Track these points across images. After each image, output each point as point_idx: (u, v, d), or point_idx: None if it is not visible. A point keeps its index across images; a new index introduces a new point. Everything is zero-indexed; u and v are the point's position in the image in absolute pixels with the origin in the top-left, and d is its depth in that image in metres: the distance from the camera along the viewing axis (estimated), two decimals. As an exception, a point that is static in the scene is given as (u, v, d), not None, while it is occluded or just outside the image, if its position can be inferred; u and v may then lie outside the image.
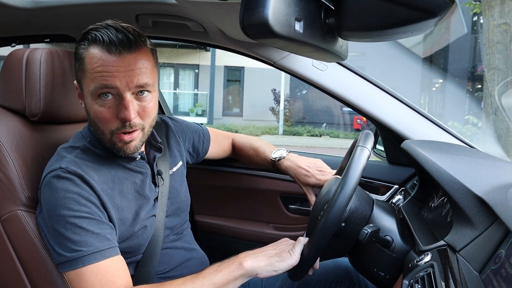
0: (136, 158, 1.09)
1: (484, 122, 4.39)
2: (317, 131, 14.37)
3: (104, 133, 0.99)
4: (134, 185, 1.08)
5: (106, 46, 0.92)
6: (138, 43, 0.96)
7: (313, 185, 1.34)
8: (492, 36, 4.17)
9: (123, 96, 0.95)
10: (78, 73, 0.99)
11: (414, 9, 0.68)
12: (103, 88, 0.94)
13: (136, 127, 0.99)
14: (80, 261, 0.92)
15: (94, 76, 0.94)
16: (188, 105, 16.53)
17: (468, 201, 0.87)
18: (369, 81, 1.43)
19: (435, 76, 13.53)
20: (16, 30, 1.55)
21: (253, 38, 0.64)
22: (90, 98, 0.97)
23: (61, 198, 0.94)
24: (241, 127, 14.42)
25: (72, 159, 1.00)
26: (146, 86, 0.97)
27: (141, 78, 0.95)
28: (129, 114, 0.94)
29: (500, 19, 4.11)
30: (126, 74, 0.93)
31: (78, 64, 0.98)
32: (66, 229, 0.93)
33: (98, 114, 0.97)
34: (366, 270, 1.10)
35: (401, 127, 1.39)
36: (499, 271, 0.69)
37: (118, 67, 0.93)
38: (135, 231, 1.05)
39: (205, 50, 15.59)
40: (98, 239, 0.93)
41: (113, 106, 0.96)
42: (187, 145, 1.36)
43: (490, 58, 4.22)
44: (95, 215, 0.96)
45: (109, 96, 0.95)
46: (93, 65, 0.93)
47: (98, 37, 0.93)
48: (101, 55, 0.93)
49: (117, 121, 0.97)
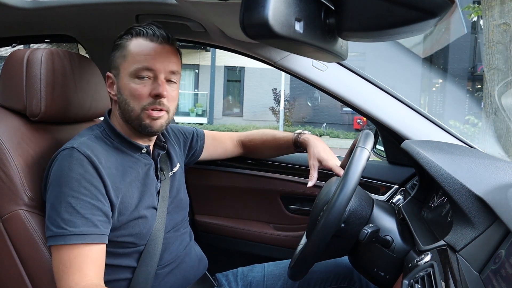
0: (142, 149, 1.15)
1: (484, 122, 4.39)
2: (317, 131, 14.38)
3: (135, 109, 1.10)
4: (138, 174, 1.14)
5: (150, 37, 1.10)
6: (174, 40, 1.15)
7: (322, 159, 1.35)
8: (492, 36, 4.17)
9: (158, 77, 1.09)
10: (118, 60, 1.12)
11: (414, 9, 0.68)
12: (144, 69, 1.08)
13: (164, 106, 1.11)
14: (62, 238, 0.97)
15: (138, 58, 1.08)
16: (188, 105, 16.55)
17: (468, 201, 0.87)
18: (369, 81, 1.43)
19: (435, 76, 13.54)
20: (17, 31, 1.55)
21: (253, 38, 0.64)
22: (127, 78, 1.10)
23: (65, 176, 1.00)
24: (241, 127, 14.42)
25: (85, 141, 1.08)
26: (176, 73, 1.14)
27: (174, 66, 1.12)
28: (163, 89, 1.09)
29: (500, 19, 4.11)
30: (164, 59, 1.10)
31: (120, 52, 1.11)
32: (60, 206, 0.98)
33: (133, 91, 1.09)
34: (366, 270, 1.10)
35: (401, 127, 1.39)
36: (499, 271, 0.69)
37: (160, 53, 1.10)
38: (136, 218, 1.10)
39: (205, 50, 15.60)
40: (85, 223, 0.98)
41: (148, 85, 1.09)
42: (183, 148, 1.41)
43: (490, 58, 4.22)
44: (92, 198, 1.01)
45: (145, 78, 1.09)
46: (138, 50, 1.09)
47: (143, 31, 1.10)
48: (146, 43, 1.10)
49: (149, 98, 1.09)
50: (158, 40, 1.10)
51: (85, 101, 1.26)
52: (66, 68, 1.19)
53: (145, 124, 1.11)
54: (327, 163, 1.34)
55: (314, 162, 1.36)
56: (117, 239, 1.08)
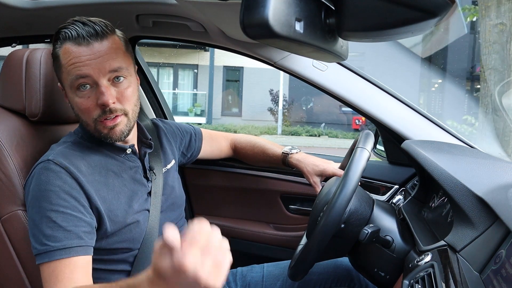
0: (126, 149, 1.11)
1: (481, 122, 4.38)
2: (316, 131, 14.37)
3: (89, 123, 1.03)
4: (123, 180, 1.09)
5: (75, 39, 0.99)
6: (105, 32, 1.01)
7: (320, 172, 1.36)
8: (489, 36, 4.16)
9: (98, 83, 0.99)
10: (57, 72, 1.04)
11: (414, 9, 0.68)
12: (78, 79, 0.99)
13: (117, 112, 1.02)
14: (47, 255, 0.93)
15: (69, 69, 0.99)
16: (187, 105, 16.52)
17: (468, 201, 0.87)
18: (370, 81, 1.43)
19: (434, 76, 13.54)
20: (16, 30, 1.55)
21: (254, 38, 0.65)
22: (70, 92, 1.02)
23: (43, 190, 0.97)
24: (240, 127, 14.41)
25: (60, 150, 1.03)
26: (119, 70, 1.02)
27: (113, 63, 1.00)
28: (107, 98, 0.99)
29: (497, 19, 4.10)
30: (97, 61, 0.98)
31: (55, 63, 1.04)
32: (41, 222, 0.95)
33: (79, 105, 1.01)
34: (366, 270, 1.10)
35: (401, 127, 1.38)
36: (500, 271, 0.69)
37: (89, 56, 0.98)
38: (128, 224, 1.06)
39: (204, 50, 15.58)
40: (68, 236, 0.94)
41: (92, 95, 1.00)
42: (179, 145, 1.39)
43: (487, 58, 4.22)
44: (73, 210, 0.97)
45: (87, 86, 1.00)
46: (67, 59, 0.99)
47: (68, 34, 0.99)
48: (72, 49, 0.99)
49: (97, 109, 1.01)
50: (85, 40, 0.98)
51: None
52: (66, 68, 1.19)
53: (104, 135, 1.04)
54: (327, 172, 1.36)
55: (315, 179, 1.37)
56: (111, 246, 1.05)
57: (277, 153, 1.48)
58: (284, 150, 1.47)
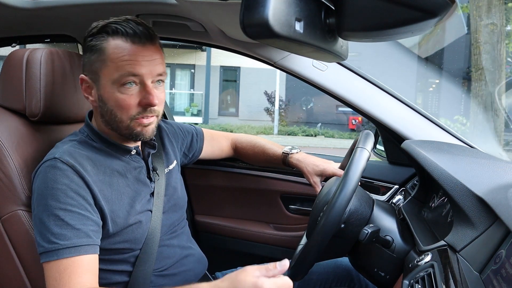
0: (131, 151, 1.11)
1: (472, 121, 4.39)
2: (312, 131, 14.35)
3: (123, 120, 1.03)
4: (127, 180, 1.09)
5: (130, 37, 0.99)
6: (155, 37, 1.05)
7: (320, 172, 1.37)
8: (480, 36, 4.16)
9: (145, 83, 1.01)
10: (95, 64, 1.02)
11: (414, 9, 0.68)
12: (129, 76, 0.99)
13: (155, 112, 1.05)
14: (55, 253, 0.93)
15: (120, 64, 0.99)
16: (184, 105, 16.49)
17: (468, 201, 0.87)
18: (370, 81, 1.43)
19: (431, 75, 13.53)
20: (16, 30, 1.55)
21: (254, 38, 0.65)
22: (111, 87, 1.01)
23: (50, 188, 0.96)
24: (237, 127, 14.39)
25: (67, 149, 1.03)
26: (163, 75, 1.05)
27: (160, 67, 1.03)
28: (153, 99, 1.01)
29: (487, 19, 4.10)
30: (150, 63, 1.01)
31: (97, 55, 1.01)
32: (49, 220, 0.94)
33: (120, 102, 1.01)
34: (366, 270, 1.10)
35: (401, 127, 1.39)
36: (500, 271, 0.69)
37: (143, 56, 1.00)
38: (130, 224, 1.06)
39: (201, 50, 15.54)
40: (77, 234, 0.94)
41: (135, 93, 1.02)
42: (180, 146, 1.38)
43: (477, 59, 4.22)
44: (81, 208, 0.97)
45: (133, 84, 1.01)
46: (118, 55, 0.99)
47: (120, 30, 0.99)
48: (126, 45, 0.99)
49: (138, 108, 1.02)
50: (141, 40, 1.00)
51: (84, 101, 1.26)
52: (66, 68, 1.19)
53: (136, 132, 1.05)
54: (327, 172, 1.36)
55: (315, 180, 1.37)
56: (112, 246, 1.05)
57: (277, 153, 1.48)
58: (284, 150, 1.47)
